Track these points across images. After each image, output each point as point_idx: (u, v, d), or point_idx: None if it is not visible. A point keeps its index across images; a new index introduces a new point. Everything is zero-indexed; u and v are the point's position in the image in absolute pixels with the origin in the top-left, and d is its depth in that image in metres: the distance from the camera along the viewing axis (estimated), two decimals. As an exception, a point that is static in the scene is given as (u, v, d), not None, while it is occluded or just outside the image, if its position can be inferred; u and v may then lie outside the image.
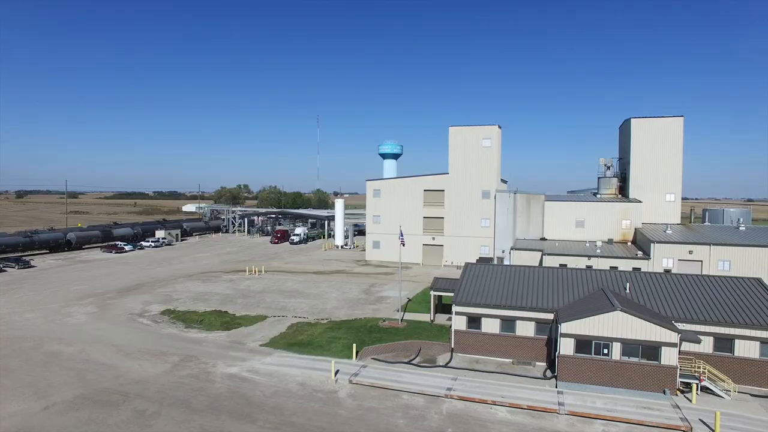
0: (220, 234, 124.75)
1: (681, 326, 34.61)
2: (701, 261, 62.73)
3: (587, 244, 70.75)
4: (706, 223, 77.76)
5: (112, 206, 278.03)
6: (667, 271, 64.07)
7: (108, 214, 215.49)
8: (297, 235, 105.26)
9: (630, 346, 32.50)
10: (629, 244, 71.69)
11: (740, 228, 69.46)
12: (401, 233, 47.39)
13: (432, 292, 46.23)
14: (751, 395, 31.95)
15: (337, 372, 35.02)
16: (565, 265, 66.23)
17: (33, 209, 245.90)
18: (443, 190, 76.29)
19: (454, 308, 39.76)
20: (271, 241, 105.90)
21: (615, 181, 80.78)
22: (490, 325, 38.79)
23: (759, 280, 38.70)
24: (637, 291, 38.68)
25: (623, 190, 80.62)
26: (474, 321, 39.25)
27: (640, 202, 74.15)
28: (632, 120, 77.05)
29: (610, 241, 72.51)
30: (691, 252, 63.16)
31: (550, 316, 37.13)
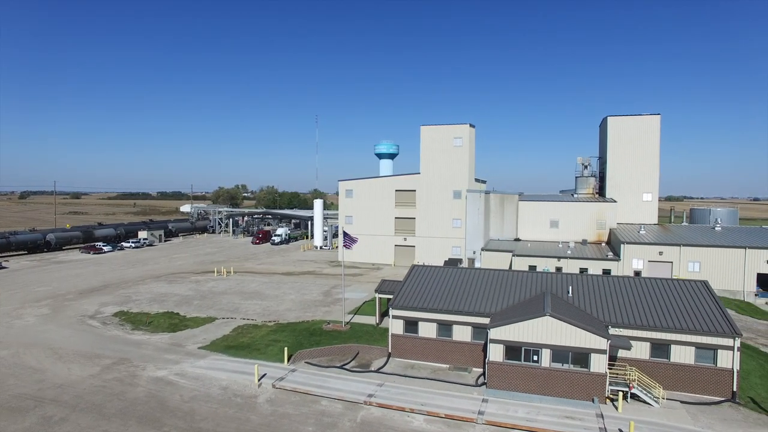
0: (206, 235, 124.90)
1: (618, 331, 33.48)
2: (671, 262, 61.18)
3: (560, 245, 69.39)
4: (684, 224, 75.97)
5: (112, 207, 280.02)
6: (637, 273, 62.69)
7: (106, 215, 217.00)
8: (278, 235, 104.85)
9: (560, 353, 31.39)
10: (603, 244, 70.19)
11: (716, 228, 67.71)
12: (346, 235, 46.45)
13: (377, 295, 45.29)
14: (683, 402, 30.71)
15: (263, 376, 34.37)
16: (535, 266, 65.18)
17: (33, 210, 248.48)
18: (415, 190, 75.26)
19: (391, 312, 38.85)
20: (252, 242, 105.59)
21: (592, 181, 79.24)
22: (427, 330, 37.82)
23: (705, 283, 37.30)
24: (580, 295, 37.48)
25: (603, 190, 79.10)
26: (411, 325, 38.30)
27: (615, 201, 72.55)
28: (609, 118, 75.49)
29: (584, 242, 71.05)
30: (661, 253, 61.61)
31: (487, 321, 36.06)
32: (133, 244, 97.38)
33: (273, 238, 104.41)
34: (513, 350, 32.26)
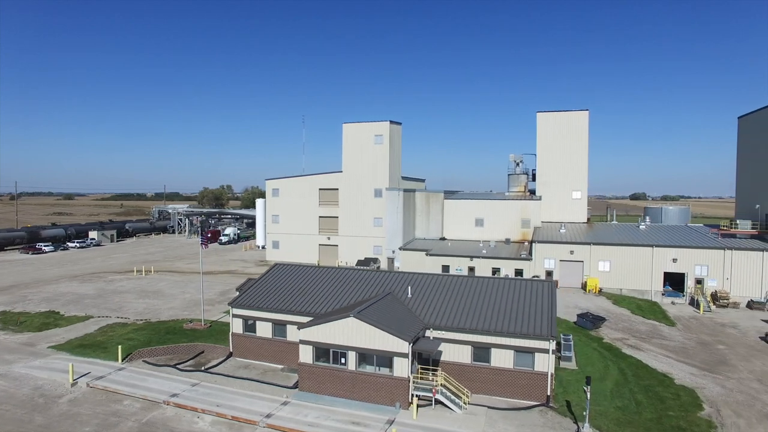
0: (163, 235, 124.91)
1: (441, 334, 32.17)
2: (582, 261, 59.40)
3: (480, 244, 67.90)
4: (613, 222, 73.81)
5: (98, 208, 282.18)
6: (549, 273, 61.11)
7: (89, 215, 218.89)
8: (226, 235, 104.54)
9: (365, 356, 30.23)
10: (526, 243, 68.45)
11: (640, 227, 65.66)
12: (201, 235, 45.82)
13: (238, 293, 44.38)
14: (491, 408, 29.30)
15: (86, 375, 33.72)
16: (448, 266, 63.89)
17: (18, 210, 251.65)
18: (337, 189, 74.16)
19: (232, 311, 37.98)
20: (201, 242, 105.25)
21: (524, 178, 77.42)
22: (264, 329, 36.84)
23: (550, 284, 35.74)
24: (420, 295, 36.12)
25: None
26: (250, 324, 37.40)
27: (539, 199, 70.76)
28: (538, 114, 73.77)
29: (507, 241, 69.43)
30: (572, 252, 59.83)
31: (318, 321, 35.02)
32: (78, 245, 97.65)
33: (221, 237, 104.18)
34: (322, 352, 31.17)
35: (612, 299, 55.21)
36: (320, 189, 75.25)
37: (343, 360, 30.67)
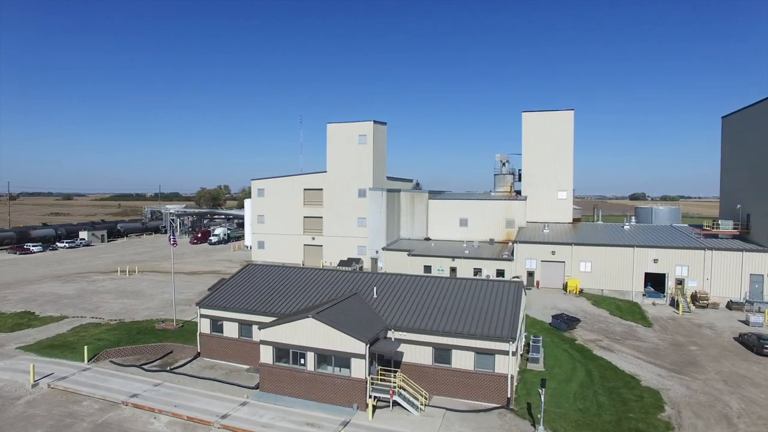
0: (155, 235, 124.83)
1: (403, 335, 31.94)
2: (564, 262, 59.08)
3: (464, 245, 67.63)
4: (599, 222, 73.45)
5: (96, 208, 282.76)
6: (531, 274, 60.82)
7: (86, 215, 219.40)
8: (216, 235, 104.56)
9: (324, 357, 30.02)
10: (510, 244, 68.09)
11: (625, 227, 65.30)
12: (172, 233, 45.80)
13: (209, 292, 44.29)
14: (449, 410, 29.04)
15: (48, 375, 33.60)
16: (430, 267, 63.67)
17: (16, 211, 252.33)
18: (322, 189, 74.01)
19: (199, 311, 37.84)
20: (190, 242, 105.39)
21: (510, 178, 77.20)
22: (231, 330, 36.72)
23: (518, 285, 35.48)
24: (386, 296, 35.89)
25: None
26: (217, 324, 37.26)
27: (524, 199, 70.44)
28: (523, 113, 73.42)
29: (491, 242, 69.14)
30: (554, 253, 59.52)
31: (284, 321, 34.84)
32: (67, 245, 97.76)
33: (210, 238, 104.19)
34: (282, 352, 30.99)
35: (592, 300, 54.87)
36: (305, 189, 75.13)
37: (302, 361, 30.48)
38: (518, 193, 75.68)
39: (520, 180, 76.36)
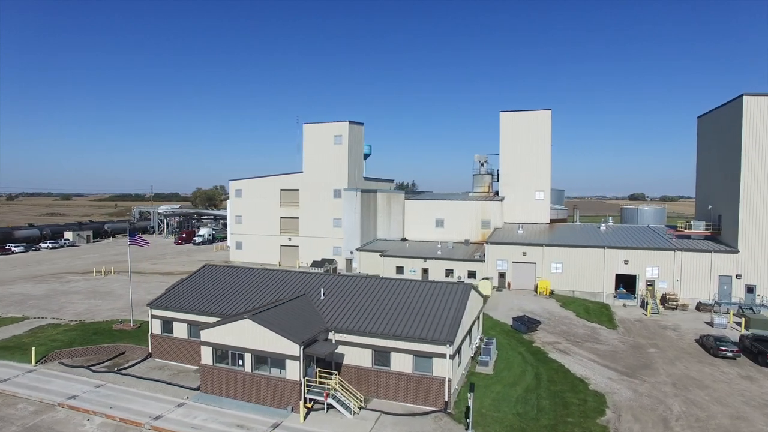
0: (143, 235, 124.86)
1: (342, 337, 31.60)
2: (535, 263, 58.54)
3: (438, 245, 67.18)
4: (577, 223, 72.82)
5: (93, 208, 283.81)
6: (502, 275, 60.38)
7: (82, 216, 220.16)
8: (200, 236, 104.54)
9: (261, 358, 29.77)
10: (485, 244, 67.67)
11: (601, 228, 64.69)
12: (132, 234, 45.52)
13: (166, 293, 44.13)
14: (385, 413, 28.67)
15: (-9, 378, 33.59)
16: (402, 268, 63.33)
17: (12, 211, 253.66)
18: (298, 190, 73.74)
19: (150, 311, 37.65)
20: (175, 242, 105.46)
21: (488, 179, 76.77)
22: (180, 330, 36.50)
23: (467, 287, 35.07)
24: (333, 297, 35.57)
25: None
26: (168, 325, 37.05)
27: (501, 200, 69.95)
28: (501, 113, 72.84)
29: (466, 242, 68.70)
30: (525, 254, 59.01)
31: (230, 323, 34.57)
32: (50, 245, 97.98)
33: (195, 238, 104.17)
34: (221, 353, 30.76)
35: (561, 302, 54.32)
36: (282, 190, 74.88)
37: (240, 361, 30.24)
38: (497, 193, 75.24)
39: (498, 180, 76.02)
